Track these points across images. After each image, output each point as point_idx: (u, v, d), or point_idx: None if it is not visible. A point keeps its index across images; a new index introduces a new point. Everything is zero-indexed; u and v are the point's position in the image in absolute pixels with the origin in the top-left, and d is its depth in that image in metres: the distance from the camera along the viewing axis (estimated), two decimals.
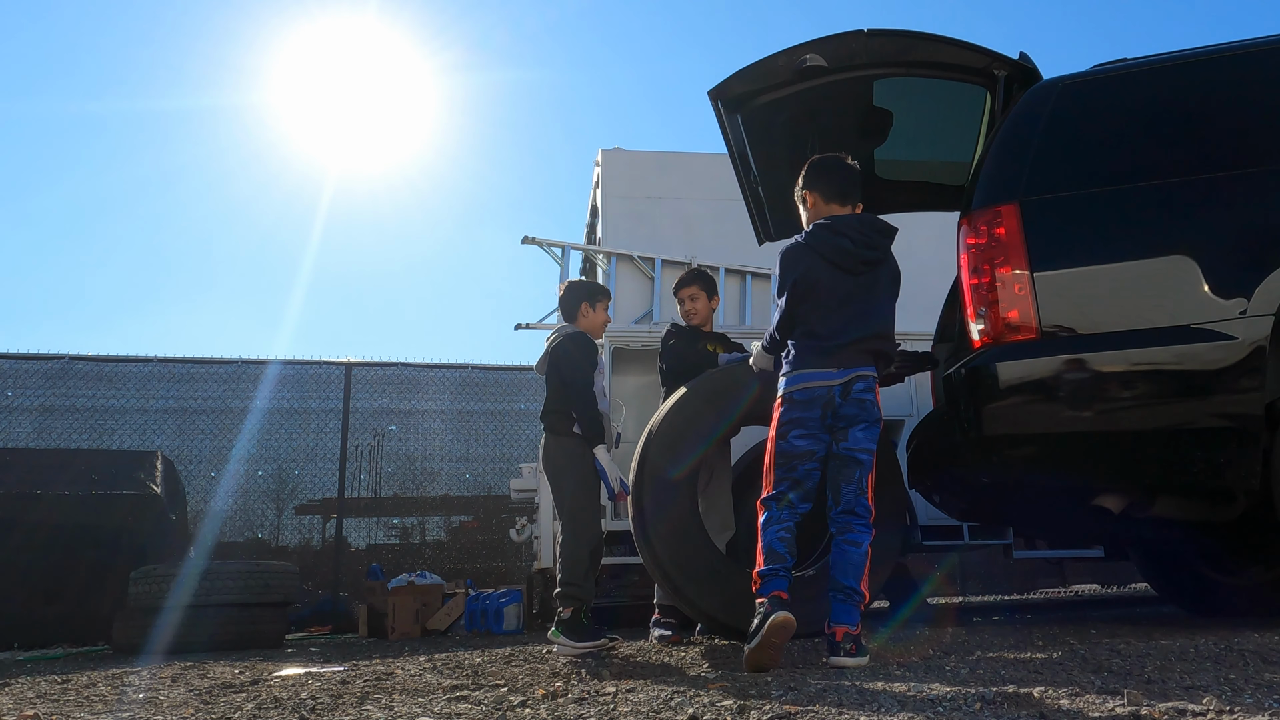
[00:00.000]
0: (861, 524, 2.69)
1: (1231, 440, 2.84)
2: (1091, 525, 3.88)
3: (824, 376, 2.74)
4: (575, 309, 3.94)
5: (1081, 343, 2.95)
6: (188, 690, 2.90)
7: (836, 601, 2.62)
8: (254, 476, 9.15)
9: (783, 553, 2.67)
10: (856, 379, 2.73)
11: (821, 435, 2.75)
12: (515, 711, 2.03)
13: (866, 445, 2.74)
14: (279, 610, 5.80)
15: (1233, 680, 1.92)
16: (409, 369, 9.51)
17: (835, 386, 2.73)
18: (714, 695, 2.06)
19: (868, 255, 2.80)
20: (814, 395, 2.74)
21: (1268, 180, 3.01)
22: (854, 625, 2.56)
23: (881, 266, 2.85)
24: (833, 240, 2.81)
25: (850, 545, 2.66)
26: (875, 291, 2.82)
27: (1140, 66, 3.33)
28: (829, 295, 2.79)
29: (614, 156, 6.57)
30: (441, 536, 9.70)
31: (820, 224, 2.86)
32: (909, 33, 3.57)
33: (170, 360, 9.04)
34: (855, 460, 2.72)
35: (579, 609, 3.46)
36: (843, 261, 2.79)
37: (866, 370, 2.76)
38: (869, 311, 2.79)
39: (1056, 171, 3.15)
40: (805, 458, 2.74)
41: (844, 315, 2.77)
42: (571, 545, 3.56)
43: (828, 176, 2.96)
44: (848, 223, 2.84)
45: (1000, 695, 1.81)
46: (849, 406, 2.73)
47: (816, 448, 2.75)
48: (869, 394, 2.76)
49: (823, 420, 2.75)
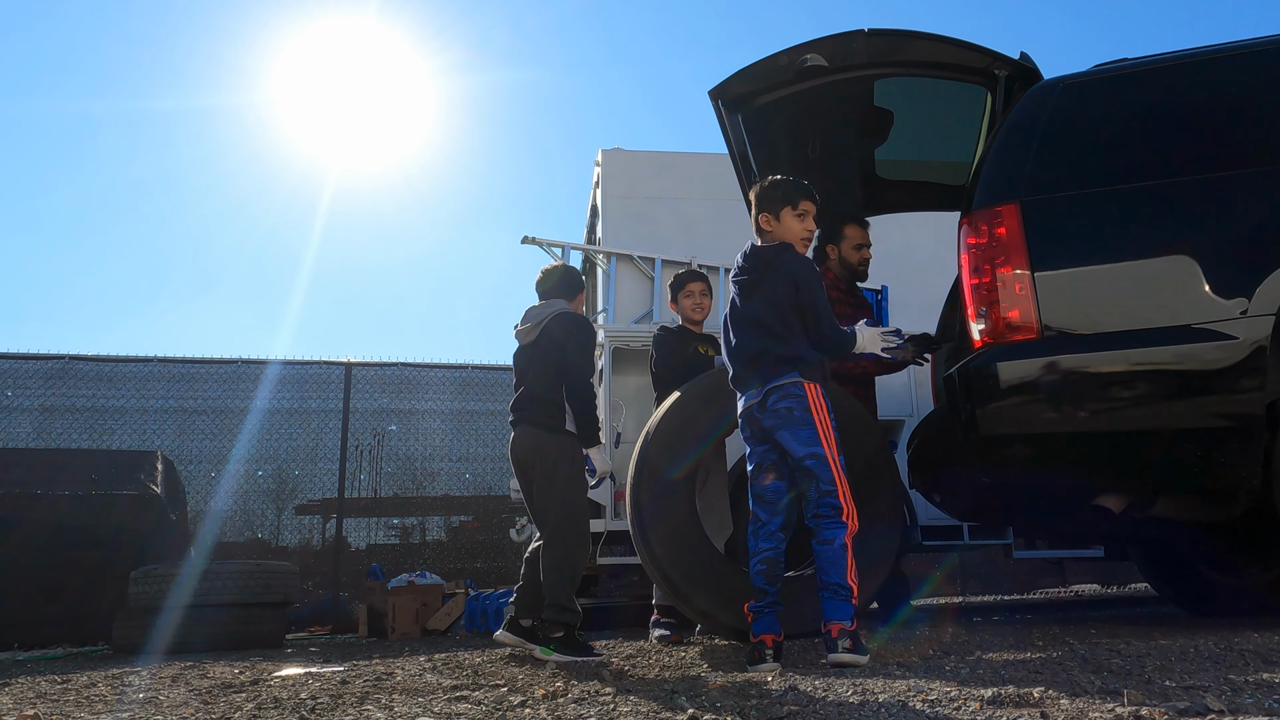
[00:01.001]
0: (830, 521, 2.67)
1: (1232, 440, 2.83)
2: (1092, 525, 3.88)
3: (749, 398, 2.86)
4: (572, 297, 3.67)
5: (1082, 343, 2.95)
6: (188, 690, 2.90)
7: (825, 599, 2.63)
8: (254, 476, 9.15)
9: (763, 586, 2.74)
10: (769, 393, 2.79)
11: (758, 447, 2.84)
12: (515, 711, 2.03)
13: (806, 451, 2.73)
14: (279, 610, 5.80)
15: (1233, 680, 1.92)
16: (409, 369, 9.50)
17: (754, 406, 2.84)
18: (714, 695, 2.06)
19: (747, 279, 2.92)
20: (743, 416, 2.90)
21: (1268, 180, 3.00)
22: (848, 620, 2.57)
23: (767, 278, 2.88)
24: (736, 266, 2.99)
25: (823, 544, 2.67)
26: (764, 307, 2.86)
27: (1140, 66, 3.33)
28: (738, 319, 2.94)
29: (614, 156, 6.57)
30: (441, 536, 9.70)
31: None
32: (909, 32, 3.57)
33: (170, 360, 9.03)
34: (805, 470, 2.74)
35: (570, 630, 3.26)
36: (740, 287, 2.95)
37: (781, 381, 2.78)
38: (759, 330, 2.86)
39: (1057, 171, 3.15)
40: (756, 473, 2.84)
41: (744, 336, 2.90)
42: (563, 559, 3.33)
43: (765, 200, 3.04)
44: (742, 251, 3.01)
45: (1000, 695, 1.81)
46: (768, 418, 2.79)
47: (763, 460, 2.84)
48: (784, 401, 2.77)
49: (753, 435, 2.86)
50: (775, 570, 2.76)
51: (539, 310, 3.63)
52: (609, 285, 5.81)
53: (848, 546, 2.65)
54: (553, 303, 3.64)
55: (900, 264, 5.96)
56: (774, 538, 2.78)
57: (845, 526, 2.67)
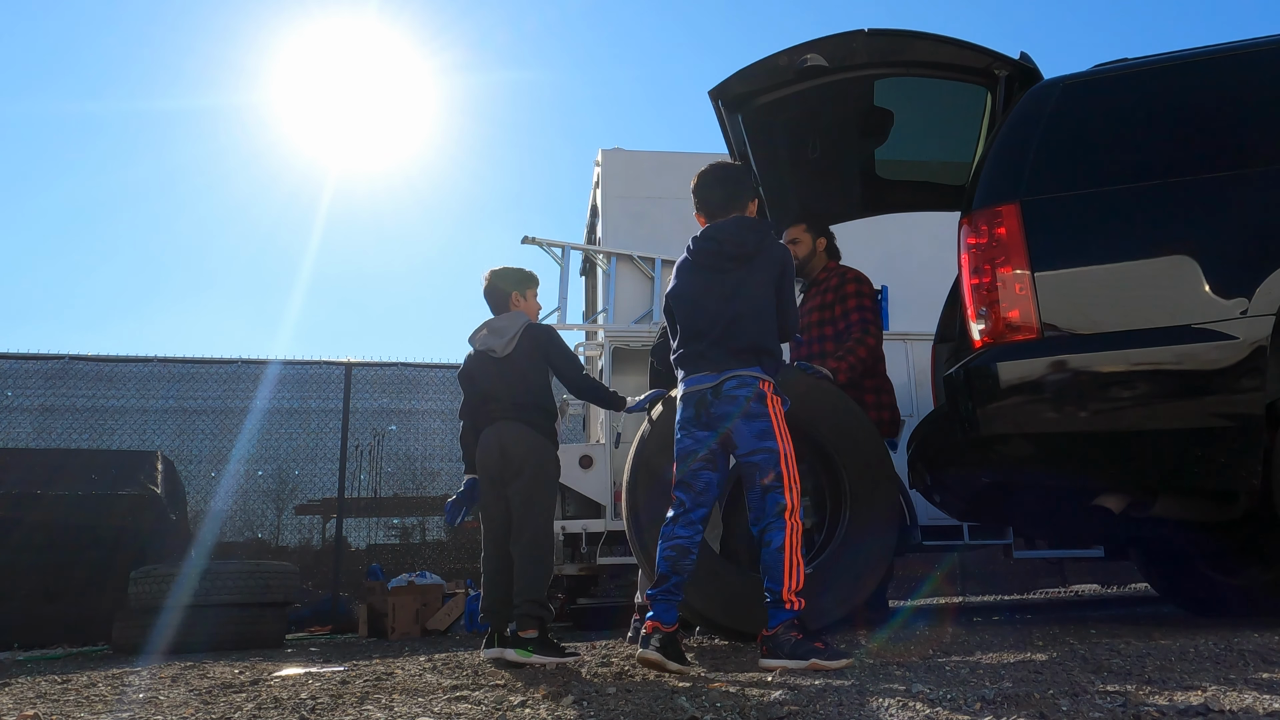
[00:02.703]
0: (774, 522, 2.61)
1: (1232, 440, 2.83)
2: (1092, 525, 3.88)
3: (699, 381, 2.74)
4: (505, 299, 3.64)
5: (1082, 343, 2.95)
6: (188, 690, 2.90)
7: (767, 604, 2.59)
8: (254, 476, 9.14)
9: (666, 571, 2.66)
10: (728, 379, 2.69)
11: (698, 433, 2.73)
12: (515, 711, 2.03)
13: (758, 444, 2.65)
14: (279, 610, 5.80)
15: (1232, 680, 1.92)
16: (409, 369, 9.50)
17: (707, 390, 2.72)
18: (714, 695, 2.06)
19: (734, 252, 2.78)
20: (692, 397, 2.76)
21: (1268, 180, 3.00)
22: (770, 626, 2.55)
23: (752, 261, 2.78)
24: (703, 245, 2.86)
25: (765, 549, 2.62)
26: (747, 285, 2.76)
27: (1140, 66, 3.33)
28: (705, 294, 2.79)
29: (614, 157, 6.57)
30: (441, 536, 9.70)
31: (697, 234, 2.92)
32: (909, 32, 3.57)
33: (170, 360, 9.03)
34: (752, 465, 2.66)
35: (543, 627, 3.22)
36: (713, 264, 2.81)
37: (743, 371, 2.69)
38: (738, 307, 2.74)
39: (1057, 171, 3.15)
40: (687, 457, 2.74)
41: (713, 314, 2.75)
42: (538, 559, 3.31)
43: (705, 198, 2.97)
44: (718, 226, 2.87)
45: (1000, 695, 1.81)
46: (721, 405, 2.68)
47: (698, 447, 2.73)
48: (743, 389, 2.67)
49: (698, 419, 2.73)
50: (684, 560, 2.69)
51: (506, 324, 3.58)
52: (609, 285, 5.82)
53: (785, 549, 2.57)
54: (515, 315, 3.62)
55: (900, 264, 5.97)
56: (693, 526, 2.70)
57: (788, 526, 2.60)
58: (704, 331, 2.76)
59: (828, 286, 4.22)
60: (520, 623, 3.20)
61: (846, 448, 3.58)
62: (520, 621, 3.20)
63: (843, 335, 4.06)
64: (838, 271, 4.26)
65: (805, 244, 4.32)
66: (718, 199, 2.94)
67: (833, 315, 4.14)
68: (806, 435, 3.69)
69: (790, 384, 3.62)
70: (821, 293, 4.23)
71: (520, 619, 3.20)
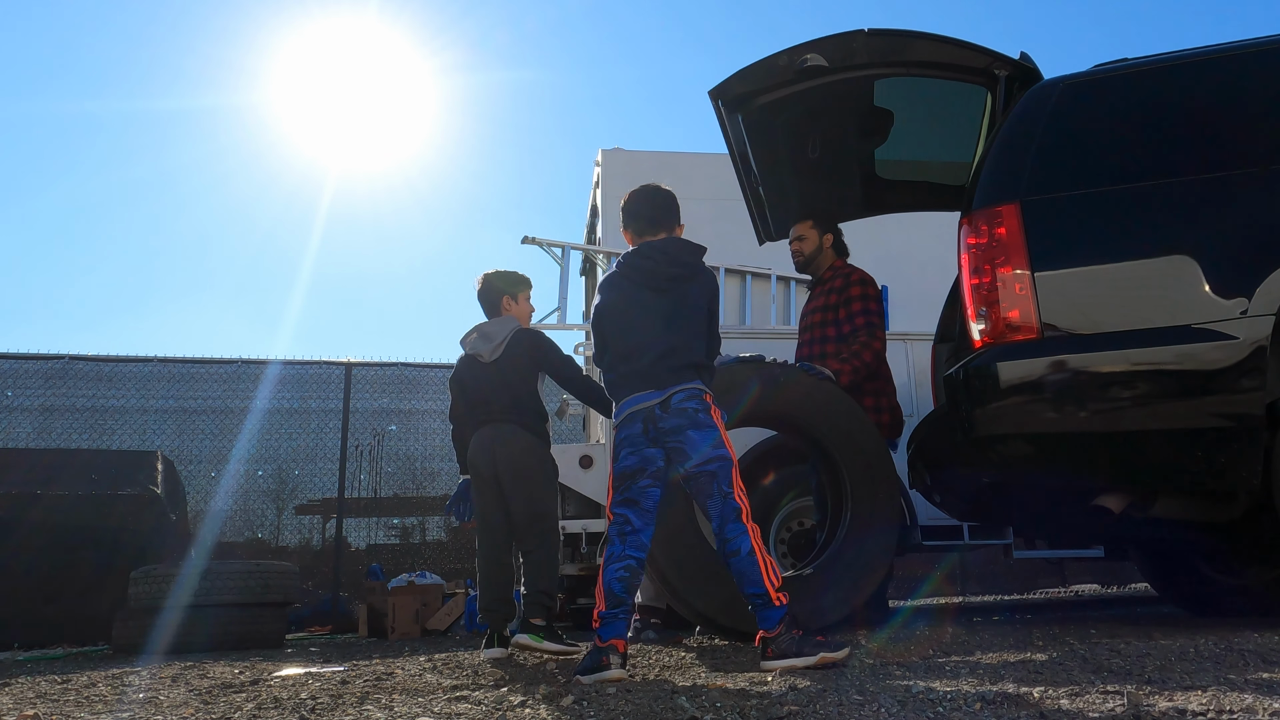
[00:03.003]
0: (736, 530, 2.61)
1: (1232, 440, 2.83)
2: (1092, 525, 3.88)
3: (644, 399, 2.70)
4: (498, 302, 3.68)
5: (1082, 343, 2.95)
6: (188, 690, 2.90)
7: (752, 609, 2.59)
8: (254, 476, 9.15)
9: (620, 593, 2.62)
10: (676, 393, 2.68)
11: (647, 450, 2.69)
12: (515, 711, 2.03)
13: (713, 452, 2.64)
14: (279, 610, 5.80)
15: (1232, 680, 1.92)
16: (409, 369, 9.50)
17: (655, 405, 2.69)
18: (714, 695, 2.06)
19: (674, 272, 2.79)
20: (636, 414, 2.72)
21: (1268, 180, 3.00)
22: (772, 627, 2.52)
23: (691, 282, 2.81)
24: (639, 263, 2.84)
25: (731, 554, 2.60)
26: (685, 306, 2.78)
27: (1141, 66, 3.33)
28: (641, 313, 2.79)
29: (614, 156, 6.58)
30: (441, 536, 9.70)
31: (629, 251, 2.92)
32: (910, 32, 3.57)
33: (170, 360, 9.03)
34: (709, 474, 2.64)
35: (550, 617, 3.30)
36: (650, 282, 2.80)
37: (687, 385, 2.69)
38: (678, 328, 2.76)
39: (1057, 171, 3.15)
40: (635, 475, 2.69)
41: (653, 333, 2.75)
42: (550, 555, 3.41)
43: (635, 213, 2.97)
44: (655, 245, 2.87)
45: (1000, 695, 1.81)
46: (671, 418, 2.67)
47: (645, 465, 2.69)
48: (691, 402, 2.67)
49: (645, 433, 2.69)
50: (635, 579, 2.66)
51: (495, 329, 3.61)
52: None
53: (756, 549, 2.58)
54: (505, 320, 3.64)
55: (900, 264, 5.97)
56: (641, 548, 2.67)
57: (748, 529, 2.60)
58: (644, 350, 2.73)
59: (832, 287, 4.21)
60: (529, 610, 3.27)
61: (848, 448, 3.58)
62: (529, 609, 3.27)
63: (846, 336, 4.06)
64: (843, 272, 4.25)
65: (812, 240, 4.31)
66: (648, 216, 2.94)
67: (836, 317, 4.13)
68: (808, 435, 3.70)
69: (792, 384, 3.62)
70: (825, 293, 4.22)
71: (529, 606, 3.28)
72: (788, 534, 5.17)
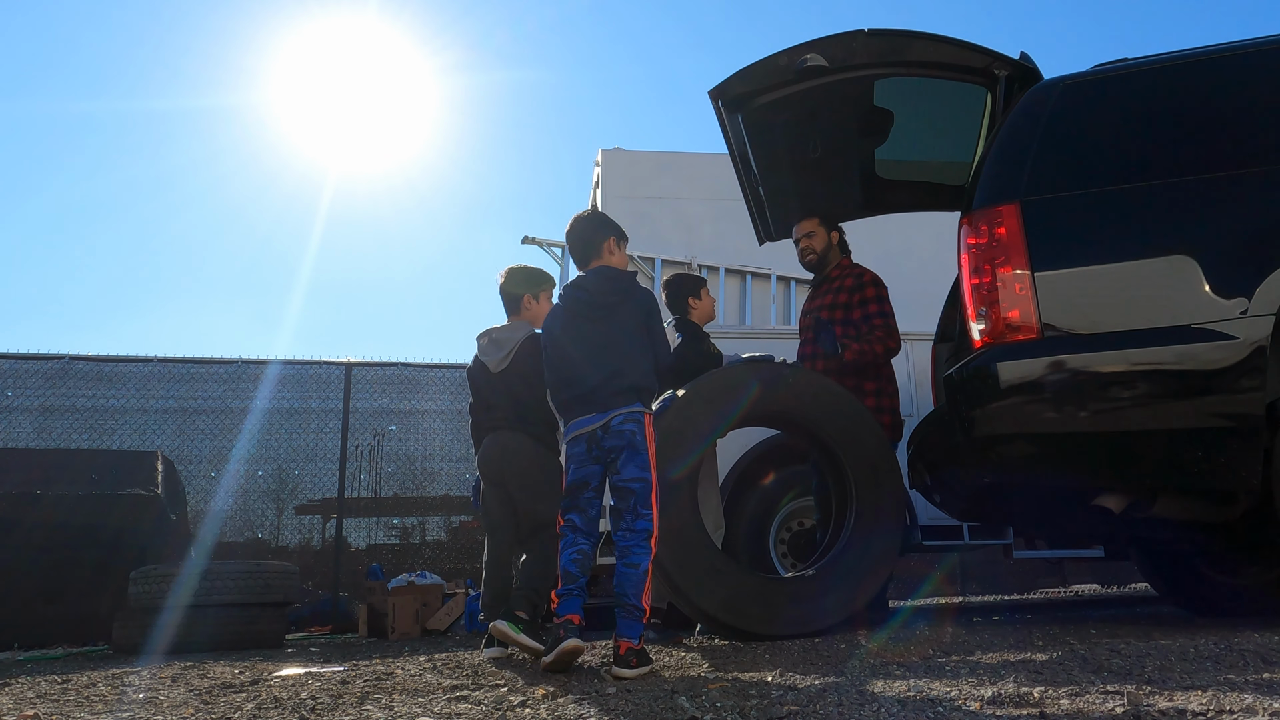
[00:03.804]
0: (638, 544, 2.82)
1: (1232, 440, 2.83)
2: (1092, 525, 3.88)
3: (588, 422, 2.94)
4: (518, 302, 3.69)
5: (1082, 343, 2.95)
6: (188, 690, 2.90)
7: (619, 616, 2.77)
8: (254, 476, 9.14)
9: (575, 573, 2.88)
10: (615, 416, 2.90)
11: (590, 468, 2.95)
12: (515, 711, 2.03)
13: (638, 474, 2.87)
14: (279, 610, 5.80)
15: (1232, 680, 1.92)
16: (409, 369, 9.49)
17: (597, 428, 2.92)
18: (714, 695, 2.06)
19: (602, 300, 3.01)
20: (580, 436, 2.97)
21: (1268, 180, 3.00)
22: (635, 639, 2.72)
23: (622, 307, 3.01)
24: (574, 294, 3.08)
25: (629, 567, 2.80)
26: (618, 331, 2.98)
27: (1140, 66, 3.33)
28: (579, 344, 3.01)
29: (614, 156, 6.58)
30: (441, 536, 9.70)
31: (567, 284, 3.14)
32: (909, 32, 3.57)
33: (170, 360, 9.02)
34: (628, 490, 2.87)
35: (535, 614, 3.27)
36: (585, 312, 3.03)
37: (627, 408, 2.90)
38: (614, 353, 2.96)
39: (1057, 171, 3.15)
40: (581, 488, 2.95)
41: (593, 360, 2.96)
42: (548, 559, 3.34)
43: (570, 250, 3.21)
44: (585, 277, 3.12)
45: (1000, 695, 1.81)
46: (611, 439, 2.90)
47: (589, 479, 2.95)
48: (629, 424, 2.89)
49: (589, 452, 2.94)
50: (588, 562, 2.91)
51: (506, 336, 3.63)
52: None
53: (649, 573, 2.81)
54: (517, 326, 3.68)
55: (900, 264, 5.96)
56: (590, 539, 2.94)
57: (650, 552, 2.83)
58: (585, 377, 2.96)
59: (842, 286, 4.23)
60: (515, 602, 3.27)
61: (852, 448, 3.59)
62: (515, 601, 3.27)
63: (852, 335, 4.08)
64: (853, 271, 4.26)
65: (821, 237, 4.34)
66: (579, 252, 3.18)
67: (849, 316, 4.15)
68: (812, 435, 3.70)
69: (796, 384, 3.63)
70: (835, 290, 4.24)
71: (516, 599, 3.28)
72: (788, 534, 5.17)
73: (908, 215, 4.99)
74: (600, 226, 3.19)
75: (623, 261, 3.20)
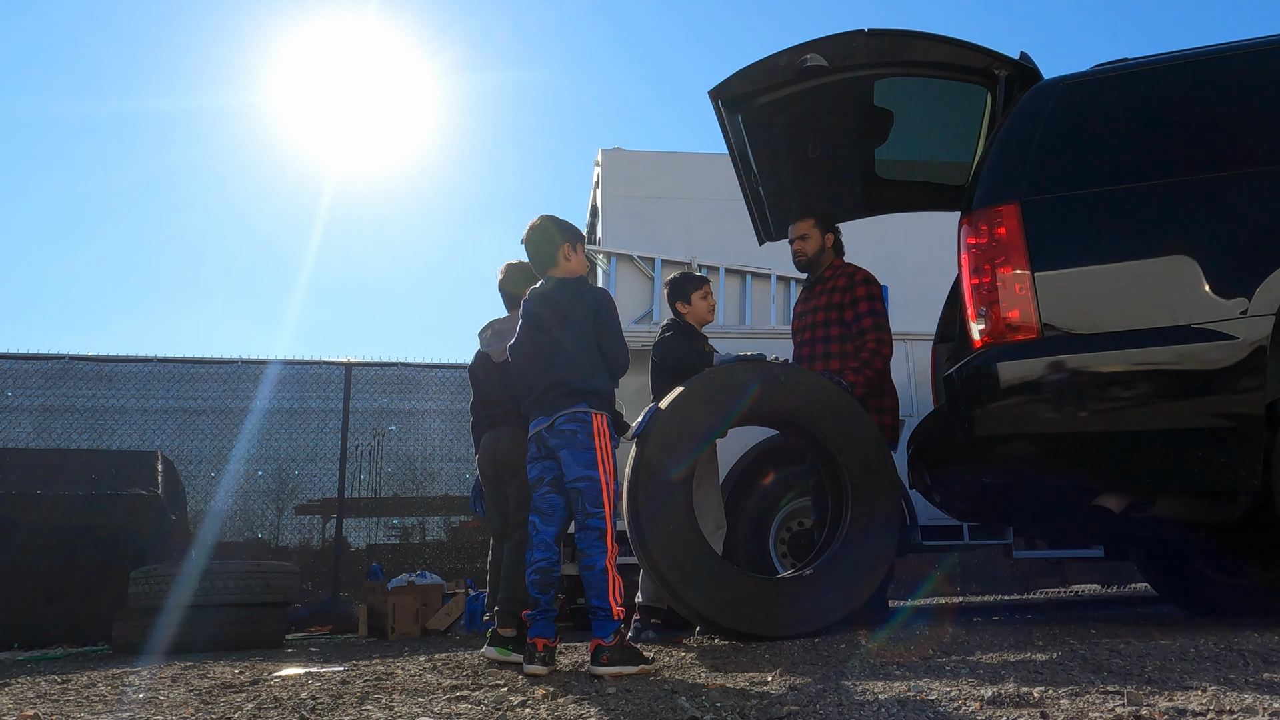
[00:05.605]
0: (592, 544, 2.86)
1: (1232, 440, 2.83)
2: (1092, 525, 3.88)
3: (538, 424, 3.05)
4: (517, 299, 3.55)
5: (1082, 343, 2.95)
6: (188, 690, 2.90)
7: (590, 618, 2.84)
8: (254, 476, 9.14)
9: (537, 594, 2.93)
10: (559, 417, 2.97)
11: (543, 463, 3.04)
12: (515, 711, 2.03)
13: (582, 472, 2.91)
14: (279, 610, 5.80)
15: (1232, 680, 1.92)
16: (409, 369, 9.49)
17: (544, 429, 3.01)
18: (714, 695, 2.06)
19: (551, 311, 3.08)
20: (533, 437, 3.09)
21: (1268, 180, 3.00)
22: (606, 637, 2.76)
23: (570, 314, 3.05)
24: (527, 308, 3.16)
25: (586, 569, 2.86)
26: (569, 337, 3.03)
27: (1140, 67, 3.33)
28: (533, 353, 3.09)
29: (614, 157, 6.58)
30: (441, 536, 9.70)
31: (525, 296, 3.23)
32: (909, 32, 3.57)
33: (170, 360, 9.02)
34: (575, 490, 2.93)
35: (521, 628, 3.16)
36: (537, 323, 3.10)
37: (571, 409, 2.95)
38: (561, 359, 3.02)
39: (1057, 171, 3.15)
40: (536, 485, 3.05)
41: (542, 368, 3.04)
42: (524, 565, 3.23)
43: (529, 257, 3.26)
44: (535, 290, 3.19)
45: (1000, 695, 1.81)
46: (554, 438, 2.98)
47: (544, 475, 3.03)
48: (570, 424, 2.95)
49: (539, 450, 3.05)
50: (548, 579, 2.95)
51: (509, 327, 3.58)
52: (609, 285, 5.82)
53: (608, 570, 2.83)
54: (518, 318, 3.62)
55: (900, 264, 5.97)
56: (548, 548, 2.97)
57: (606, 550, 2.85)
58: (535, 385, 3.06)
59: (835, 285, 4.22)
60: (499, 619, 3.24)
61: (848, 448, 3.58)
62: (500, 619, 3.24)
63: (850, 336, 4.08)
64: (845, 271, 4.26)
65: (815, 239, 4.33)
66: (536, 263, 3.23)
67: (841, 316, 4.15)
68: (808, 435, 3.70)
69: (793, 383, 3.63)
70: (828, 291, 4.23)
71: (500, 615, 3.25)
72: (787, 534, 5.17)
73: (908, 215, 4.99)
74: (553, 235, 3.19)
75: (581, 264, 3.21)
